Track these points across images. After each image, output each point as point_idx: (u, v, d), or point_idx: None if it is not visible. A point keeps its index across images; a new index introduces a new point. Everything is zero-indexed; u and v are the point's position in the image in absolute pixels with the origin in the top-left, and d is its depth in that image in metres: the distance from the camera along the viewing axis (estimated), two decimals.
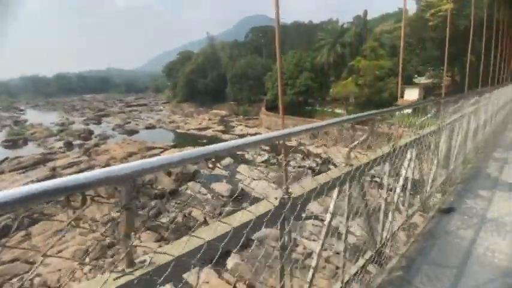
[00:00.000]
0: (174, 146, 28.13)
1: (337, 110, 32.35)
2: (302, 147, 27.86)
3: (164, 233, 13.61)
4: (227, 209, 15.49)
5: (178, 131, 38.69)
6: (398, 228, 2.43)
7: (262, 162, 24.15)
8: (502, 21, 11.81)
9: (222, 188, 18.32)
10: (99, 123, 47.62)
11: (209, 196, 17.35)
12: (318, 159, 24.76)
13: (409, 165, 2.56)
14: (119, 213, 0.97)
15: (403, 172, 2.50)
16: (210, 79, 50.54)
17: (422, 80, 30.24)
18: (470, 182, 4.17)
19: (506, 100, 9.73)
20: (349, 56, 33.38)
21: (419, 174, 2.83)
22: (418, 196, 2.98)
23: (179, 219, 14.84)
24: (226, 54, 52.56)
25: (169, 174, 19.91)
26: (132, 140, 31.55)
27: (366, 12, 37.89)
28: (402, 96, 27.53)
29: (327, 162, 22.65)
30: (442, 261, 2.20)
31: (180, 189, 18.84)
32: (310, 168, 22.69)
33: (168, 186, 18.79)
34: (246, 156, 24.64)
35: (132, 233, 0.94)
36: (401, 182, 2.46)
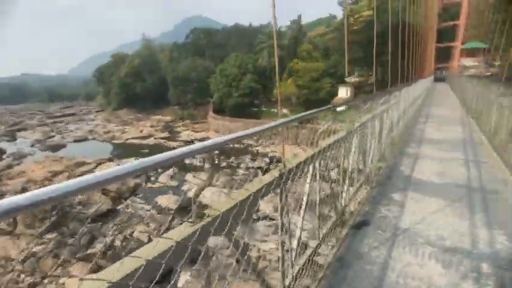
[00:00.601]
0: (110, 160, 25.26)
1: (282, 110, 33.49)
2: (250, 148, 28.05)
3: (100, 261, 11.91)
4: (174, 222, 14.44)
5: (115, 141, 34.96)
6: (303, 266, 2.07)
7: (211, 167, 23.47)
8: (411, 27, 13.64)
9: (169, 200, 17.05)
10: (13, 139, 39.99)
11: (154, 212, 15.91)
12: (266, 159, 25.24)
13: (311, 182, 2.18)
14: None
15: (306, 191, 2.14)
16: (149, 83, 47.22)
17: (352, 78, 33.43)
18: (385, 183, 4.20)
19: (415, 96, 11.10)
20: (287, 58, 34.89)
21: (330, 188, 2.58)
22: (332, 212, 2.78)
23: (118, 242, 13.19)
24: (165, 56, 49.81)
25: (104, 191, 17.67)
26: (58, 157, 27.27)
27: (300, 17, 40.23)
28: (337, 95, 29.99)
29: (275, 161, 23.20)
30: None
31: (118, 207, 16.86)
32: (259, 168, 22.96)
33: (104, 205, 16.64)
34: (194, 162, 23.61)
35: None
36: (303, 209, 2.09)
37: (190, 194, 17.67)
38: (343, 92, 29.63)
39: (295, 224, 2.00)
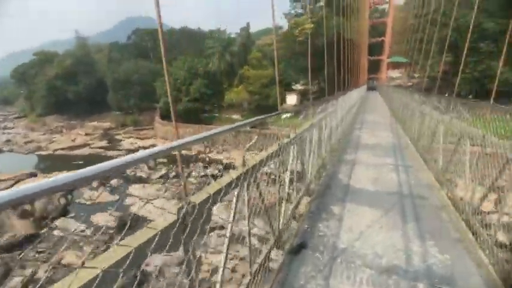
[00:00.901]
0: (33, 174, 21.52)
1: (234, 116, 33.40)
2: (203, 155, 27.09)
3: None
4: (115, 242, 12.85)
5: (40, 153, 30.05)
6: None
7: (160, 177, 21.91)
8: (347, 41, 14.89)
9: (107, 218, 15.14)
10: None
11: (88, 232, 13.92)
12: (220, 166, 24.64)
13: (235, 210, 1.87)
14: None
15: (229, 223, 1.82)
16: (85, 85, 42.12)
17: (299, 86, 35.32)
18: (325, 194, 4.20)
19: (351, 104, 12.05)
20: (237, 64, 35.09)
21: (265, 208, 2.33)
22: (270, 234, 2.55)
23: (41, 273, 11.11)
24: (103, 57, 45.25)
25: (24, 214, 14.85)
26: None
27: (248, 25, 41.01)
28: (285, 101, 31.25)
29: (228, 167, 22.79)
30: None
31: (44, 231, 14.36)
32: (212, 175, 22.25)
33: (23, 230, 13.97)
34: (139, 173, 21.68)
35: None
36: (225, 246, 1.78)
37: (134, 209, 16.10)
38: (291, 99, 31.10)
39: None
